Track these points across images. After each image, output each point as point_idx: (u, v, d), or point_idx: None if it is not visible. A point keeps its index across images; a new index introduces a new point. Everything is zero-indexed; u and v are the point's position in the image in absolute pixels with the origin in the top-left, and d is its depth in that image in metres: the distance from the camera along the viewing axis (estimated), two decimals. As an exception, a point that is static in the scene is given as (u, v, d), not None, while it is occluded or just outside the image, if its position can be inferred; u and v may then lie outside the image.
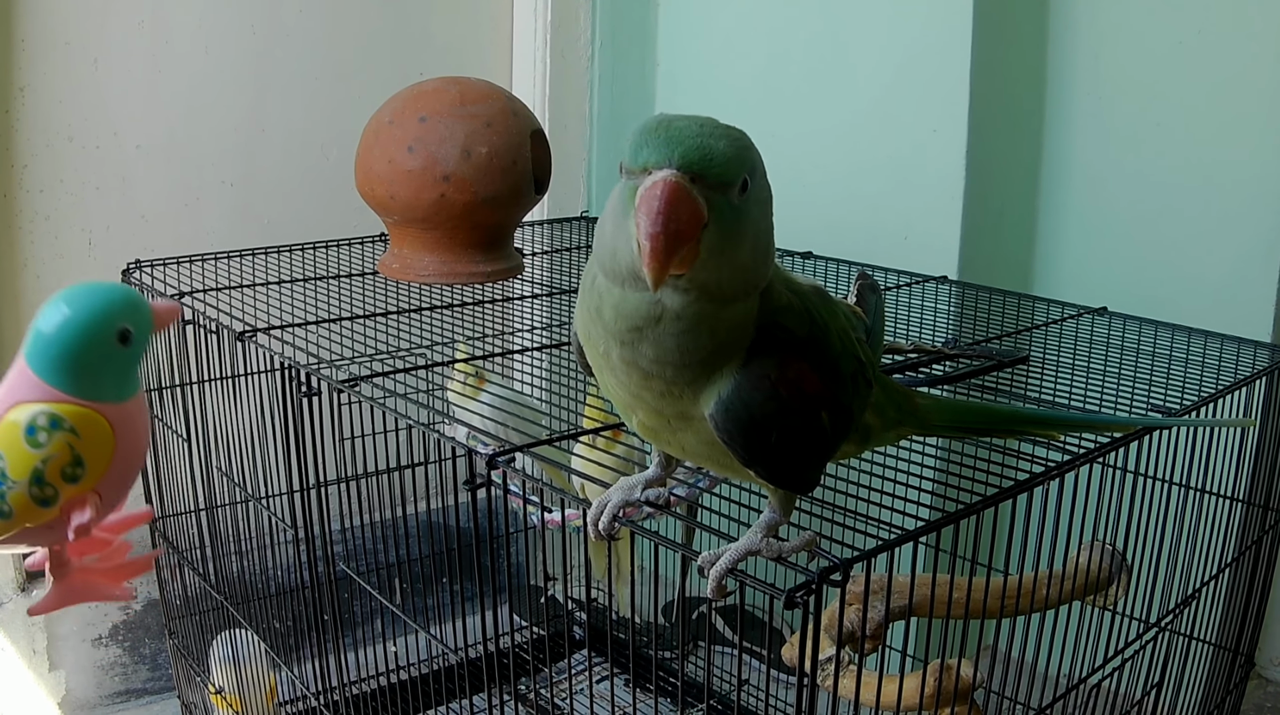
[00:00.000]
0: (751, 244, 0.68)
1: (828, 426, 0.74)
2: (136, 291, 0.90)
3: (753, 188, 0.67)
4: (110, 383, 0.90)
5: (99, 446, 0.90)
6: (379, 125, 1.49)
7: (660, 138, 0.65)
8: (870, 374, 0.81)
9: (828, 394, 0.74)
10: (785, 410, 0.71)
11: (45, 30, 1.79)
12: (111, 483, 0.92)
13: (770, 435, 0.72)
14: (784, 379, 0.71)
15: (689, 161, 0.64)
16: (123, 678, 1.93)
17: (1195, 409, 1.16)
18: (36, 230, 1.83)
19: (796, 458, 0.75)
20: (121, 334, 0.89)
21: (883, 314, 0.92)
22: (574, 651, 1.99)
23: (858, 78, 1.97)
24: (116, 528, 1.02)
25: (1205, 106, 1.79)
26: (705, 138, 0.65)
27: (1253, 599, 1.40)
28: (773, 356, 0.71)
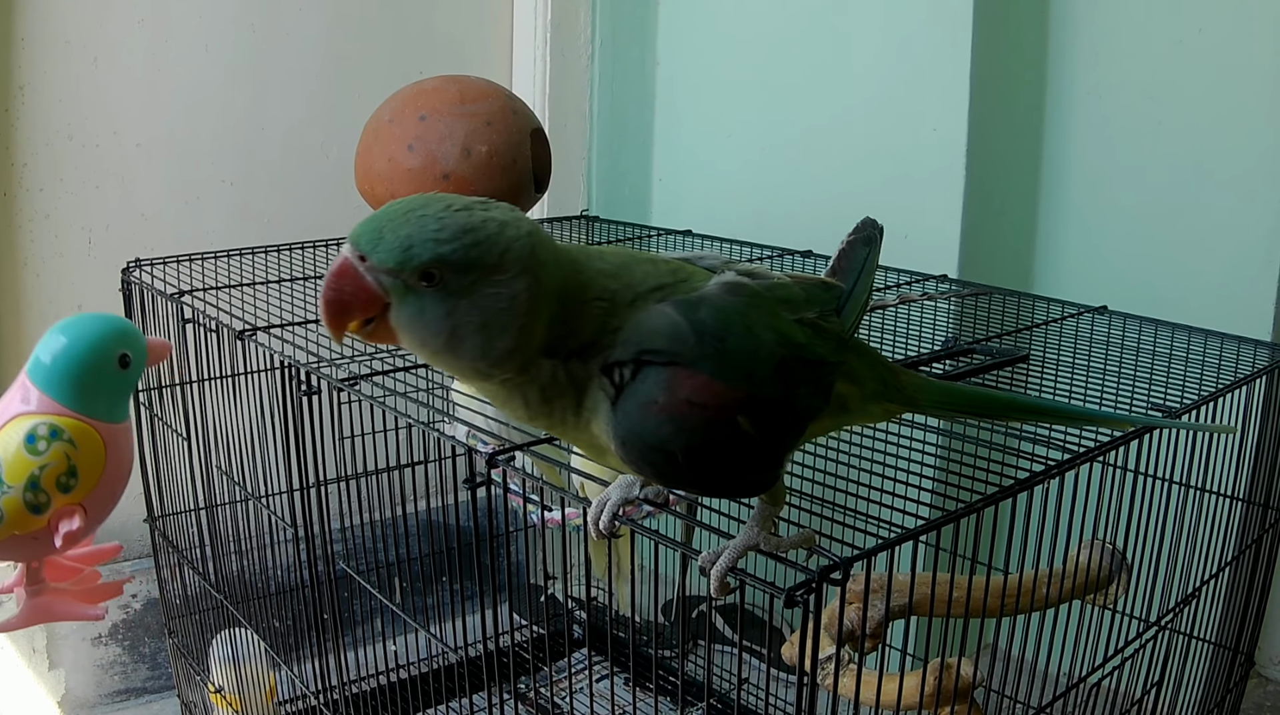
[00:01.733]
0: (450, 333, 0.67)
1: (751, 429, 0.71)
2: (136, 326, 0.98)
3: (452, 282, 0.66)
4: (107, 403, 0.96)
5: (93, 460, 0.95)
6: (379, 124, 1.49)
7: (368, 218, 0.68)
8: (826, 350, 0.78)
9: (740, 397, 0.70)
10: (684, 430, 0.69)
11: (45, 29, 1.79)
12: (98, 498, 0.97)
13: (676, 458, 0.69)
14: (674, 401, 0.69)
15: (358, 243, 0.67)
16: (122, 677, 1.93)
17: (1195, 408, 1.16)
18: (36, 229, 1.83)
19: (722, 471, 0.72)
20: (122, 358, 0.96)
21: (873, 267, 0.88)
22: (574, 650, 1.99)
23: (857, 76, 1.97)
24: (88, 559, 1.08)
25: (1205, 105, 1.79)
26: (397, 225, 0.66)
27: (1253, 598, 1.40)
28: (658, 382, 0.69)
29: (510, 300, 0.67)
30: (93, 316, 0.98)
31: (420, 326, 0.68)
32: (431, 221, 0.66)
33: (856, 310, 0.84)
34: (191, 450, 1.53)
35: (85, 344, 0.95)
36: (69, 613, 1.05)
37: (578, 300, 0.70)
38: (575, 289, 0.70)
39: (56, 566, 1.06)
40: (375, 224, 0.67)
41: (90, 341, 0.96)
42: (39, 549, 0.97)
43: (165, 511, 1.65)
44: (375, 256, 0.66)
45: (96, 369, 0.96)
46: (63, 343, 0.96)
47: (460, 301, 0.66)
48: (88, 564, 1.08)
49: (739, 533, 0.79)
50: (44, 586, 1.04)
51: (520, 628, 1.98)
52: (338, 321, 0.68)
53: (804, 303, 0.79)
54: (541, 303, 0.68)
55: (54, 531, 0.95)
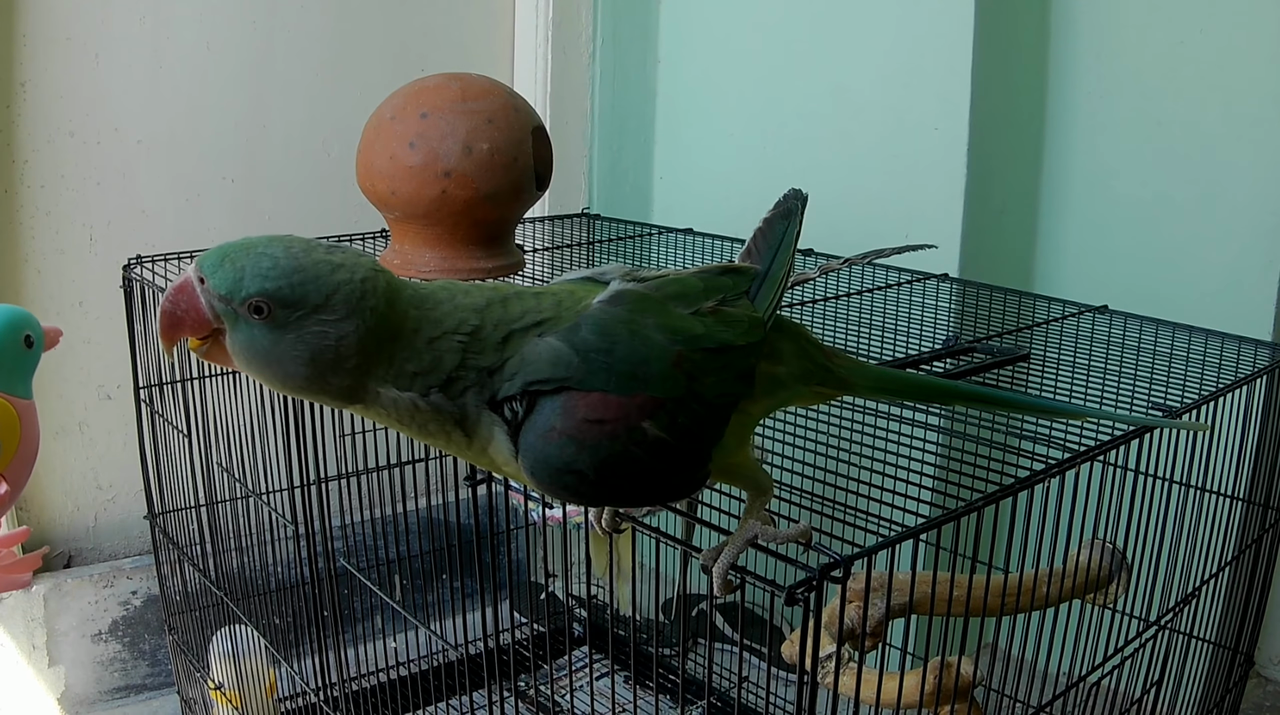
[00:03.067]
0: (275, 363, 0.70)
1: (660, 431, 0.72)
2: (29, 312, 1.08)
3: (280, 317, 0.69)
4: (17, 380, 1.05)
5: (9, 432, 1.03)
6: (380, 121, 1.49)
7: (220, 245, 0.71)
8: (732, 335, 0.77)
9: (639, 403, 0.71)
10: (587, 448, 0.70)
11: (46, 25, 1.79)
12: (15, 469, 1.04)
13: (588, 477, 0.71)
14: (572, 424, 0.70)
15: (201, 265, 0.70)
16: (122, 673, 1.93)
17: (1195, 407, 1.16)
18: (38, 225, 1.83)
19: (641, 478, 0.73)
20: (26, 339, 1.06)
21: (792, 241, 0.86)
22: (574, 648, 1.99)
23: (859, 75, 1.97)
24: (2, 542, 1.15)
25: (1207, 105, 1.79)
26: (237, 257, 0.69)
27: (1252, 598, 1.41)
28: (553, 409, 0.71)
29: (337, 339, 0.69)
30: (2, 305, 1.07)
31: (249, 355, 0.70)
32: (267, 259, 0.69)
33: (774, 288, 0.82)
34: (192, 447, 1.53)
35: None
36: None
37: (427, 337, 0.71)
38: (426, 326, 0.72)
39: None
40: (221, 252, 0.70)
41: (2, 323, 1.05)
42: None
43: (166, 508, 1.65)
44: (211, 282, 0.69)
45: (6, 349, 1.04)
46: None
47: (286, 335, 0.69)
48: (4, 546, 1.15)
49: (736, 529, 0.79)
50: None
51: (520, 625, 1.98)
52: (169, 333, 0.72)
53: (701, 294, 0.79)
54: (372, 342, 0.70)
55: None
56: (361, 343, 0.69)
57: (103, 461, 1.94)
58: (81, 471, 1.93)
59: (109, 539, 1.96)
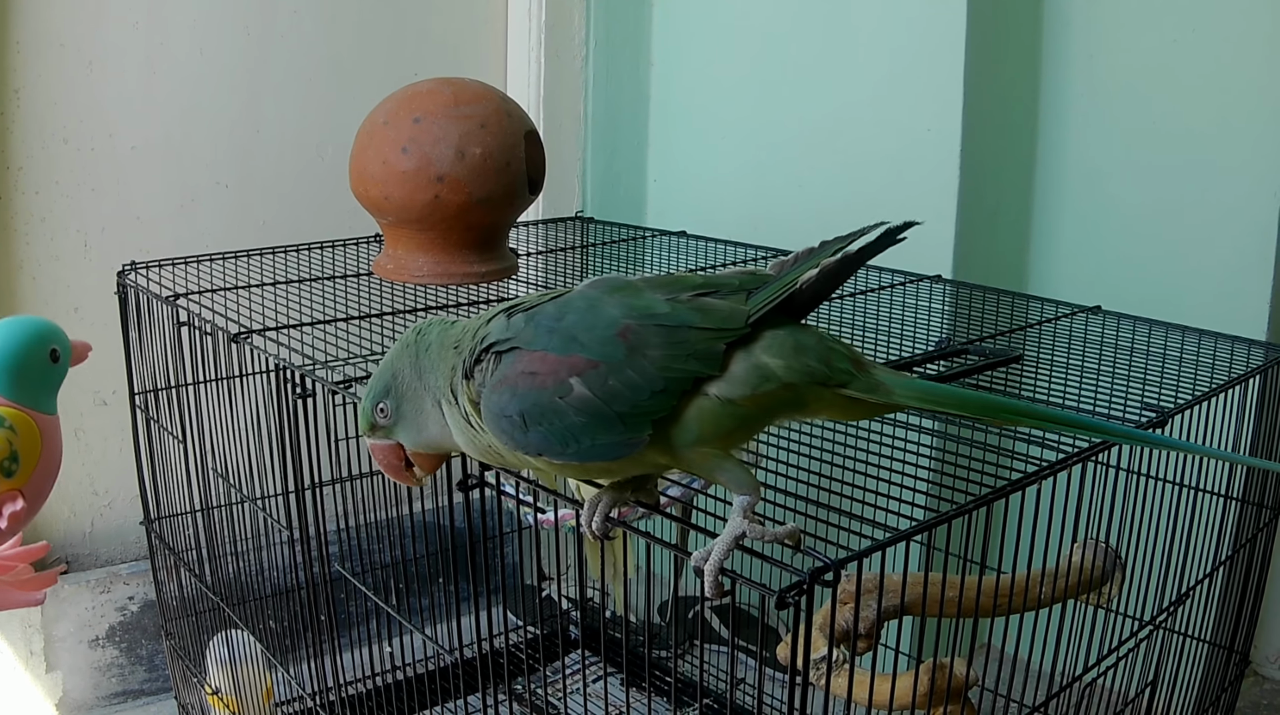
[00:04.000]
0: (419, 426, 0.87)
1: (587, 389, 0.78)
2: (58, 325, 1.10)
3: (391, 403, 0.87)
4: (41, 394, 1.06)
5: (31, 447, 1.03)
6: (373, 126, 1.49)
7: None
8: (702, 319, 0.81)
9: (571, 362, 0.79)
10: (517, 396, 0.79)
11: (40, 32, 1.79)
12: (36, 485, 1.04)
13: (519, 421, 0.80)
14: (512, 374, 0.80)
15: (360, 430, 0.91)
16: (119, 679, 1.93)
17: (1190, 407, 1.16)
18: (32, 232, 1.83)
19: (566, 430, 0.79)
20: (52, 353, 1.06)
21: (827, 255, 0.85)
22: (569, 651, 2.00)
23: (851, 76, 1.97)
24: (19, 557, 1.13)
25: (1200, 103, 1.79)
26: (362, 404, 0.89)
27: (1247, 596, 1.41)
28: (505, 363, 0.81)
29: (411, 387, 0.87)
30: (21, 317, 1.07)
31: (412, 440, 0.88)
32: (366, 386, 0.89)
33: (777, 288, 0.83)
34: (187, 453, 1.53)
35: (21, 339, 1.05)
36: (8, 601, 1.11)
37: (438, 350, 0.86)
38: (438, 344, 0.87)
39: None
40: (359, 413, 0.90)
41: (26, 337, 1.05)
42: None
43: (162, 514, 1.65)
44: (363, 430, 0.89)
45: (30, 362, 1.05)
46: (10, 332, 1.04)
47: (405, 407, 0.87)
48: (19, 561, 1.14)
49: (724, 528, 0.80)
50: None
51: (516, 629, 1.98)
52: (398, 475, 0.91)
53: (696, 286, 0.84)
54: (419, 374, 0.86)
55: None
56: (417, 375, 0.86)
57: (99, 467, 1.94)
58: (78, 477, 1.93)
59: (106, 545, 1.96)
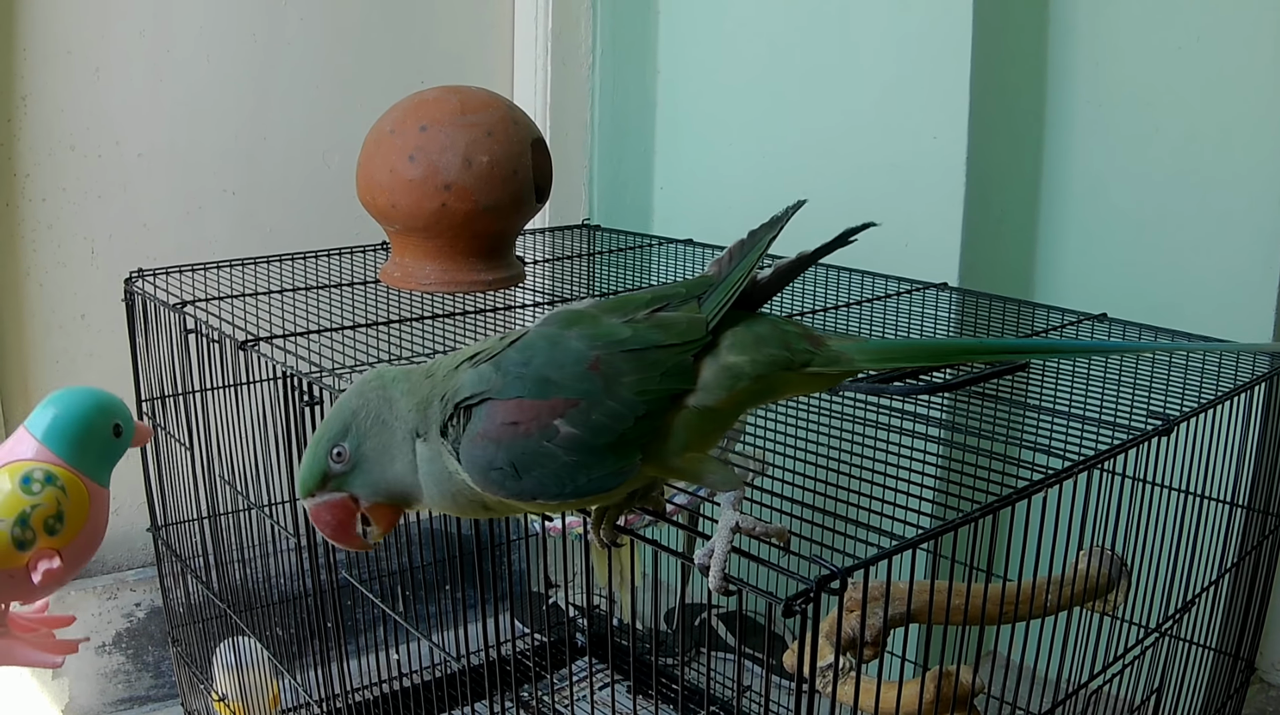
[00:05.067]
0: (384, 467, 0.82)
1: (574, 427, 0.77)
2: None
3: (350, 444, 0.81)
4: (97, 465, 1.05)
5: (78, 511, 1.03)
6: (380, 134, 1.49)
7: None
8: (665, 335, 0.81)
9: (551, 405, 0.78)
10: (504, 447, 0.77)
11: (47, 39, 1.80)
12: (75, 550, 1.04)
13: (511, 471, 0.77)
14: (492, 427, 0.78)
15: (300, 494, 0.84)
16: (126, 685, 1.93)
17: (1196, 415, 1.16)
18: (39, 239, 1.84)
19: (561, 470, 0.78)
20: (115, 427, 1.06)
21: (760, 249, 0.91)
22: (576, 658, 2.00)
23: (858, 84, 1.97)
24: (45, 623, 1.14)
25: (1204, 111, 1.79)
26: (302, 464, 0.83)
27: (1253, 604, 1.41)
28: (478, 417, 0.78)
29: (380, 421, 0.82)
30: (93, 388, 1.08)
31: (375, 486, 0.82)
32: (311, 441, 0.83)
33: (727, 290, 0.85)
34: (194, 460, 1.53)
35: (87, 406, 1.05)
36: (28, 658, 1.11)
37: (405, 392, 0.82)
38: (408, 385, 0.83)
39: (15, 624, 1.12)
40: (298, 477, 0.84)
41: (91, 406, 1.05)
42: (12, 589, 1.03)
43: (168, 521, 1.65)
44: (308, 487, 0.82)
45: (93, 431, 1.05)
46: (65, 404, 1.05)
47: (366, 448, 0.81)
48: (44, 626, 1.14)
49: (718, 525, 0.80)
50: (6, 631, 1.09)
51: (522, 636, 1.98)
52: (349, 539, 0.84)
53: (645, 303, 0.84)
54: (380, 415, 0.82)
55: (33, 569, 1.01)
56: (390, 411, 0.81)
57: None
58: (84, 484, 1.93)
59: (112, 551, 1.97)
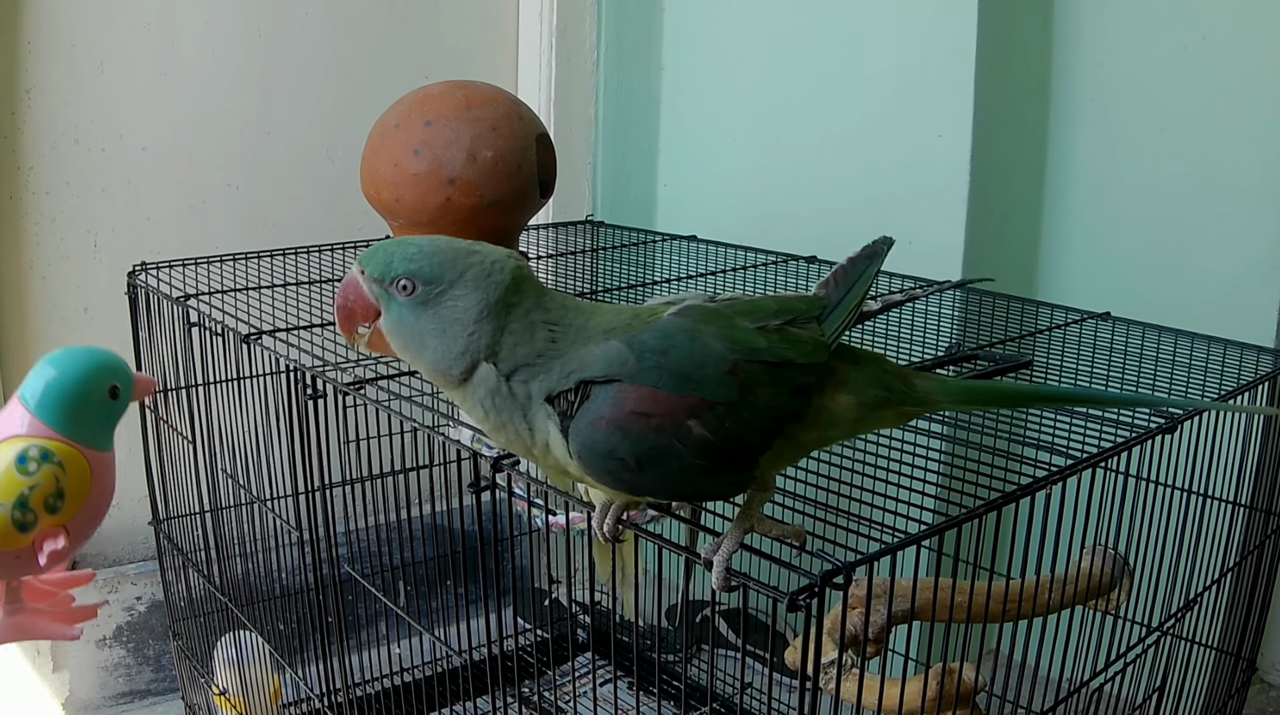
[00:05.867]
0: (419, 338, 0.79)
1: (706, 432, 0.75)
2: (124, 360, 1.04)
3: (423, 294, 0.78)
4: (95, 431, 1.01)
5: (79, 485, 0.99)
6: (384, 129, 1.49)
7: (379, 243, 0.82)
8: (795, 352, 0.80)
9: (690, 403, 0.75)
10: (630, 438, 0.75)
11: (51, 32, 1.80)
12: (80, 523, 1.01)
13: (630, 465, 0.75)
14: (620, 414, 0.75)
15: (361, 260, 0.81)
16: (127, 679, 1.93)
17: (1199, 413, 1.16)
18: (42, 232, 1.84)
19: (683, 473, 0.76)
20: (112, 390, 1.02)
21: (870, 278, 0.90)
22: (578, 654, 2.00)
23: (862, 83, 1.97)
24: (61, 584, 1.11)
25: (1209, 111, 1.79)
26: (392, 249, 0.80)
27: (1255, 603, 1.41)
28: (605, 399, 0.76)
29: (465, 311, 0.78)
30: (86, 348, 1.03)
31: (398, 330, 0.80)
32: (413, 247, 0.79)
33: (843, 317, 0.85)
34: (197, 453, 1.53)
35: (79, 373, 1.01)
36: (45, 632, 1.09)
37: (527, 322, 0.78)
38: (537, 311, 0.79)
39: (33, 590, 1.10)
40: (376, 247, 0.81)
41: (84, 371, 1.01)
42: (20, 568, 1.01)
43: (170, 514, 1.65)
44: (368, 268, 0.80)
45: (88, 397, 1.01)
46: (56, 372, 1.00)
47: (428, 310, 0.78)
48: (62, 588, 1.12)
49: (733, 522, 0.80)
50: (21, 606, 1.08)
51: (524, 631, 1.98)
52: (345, 325, 0.82)
53: (773, 313, 0.83)
54: (490, 315, 0.78)
55: (38, 550, 0.98)
56: (480, 314, 0.78)
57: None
58: (86, 477, 1.93)
59: (114, 545, 1.97)
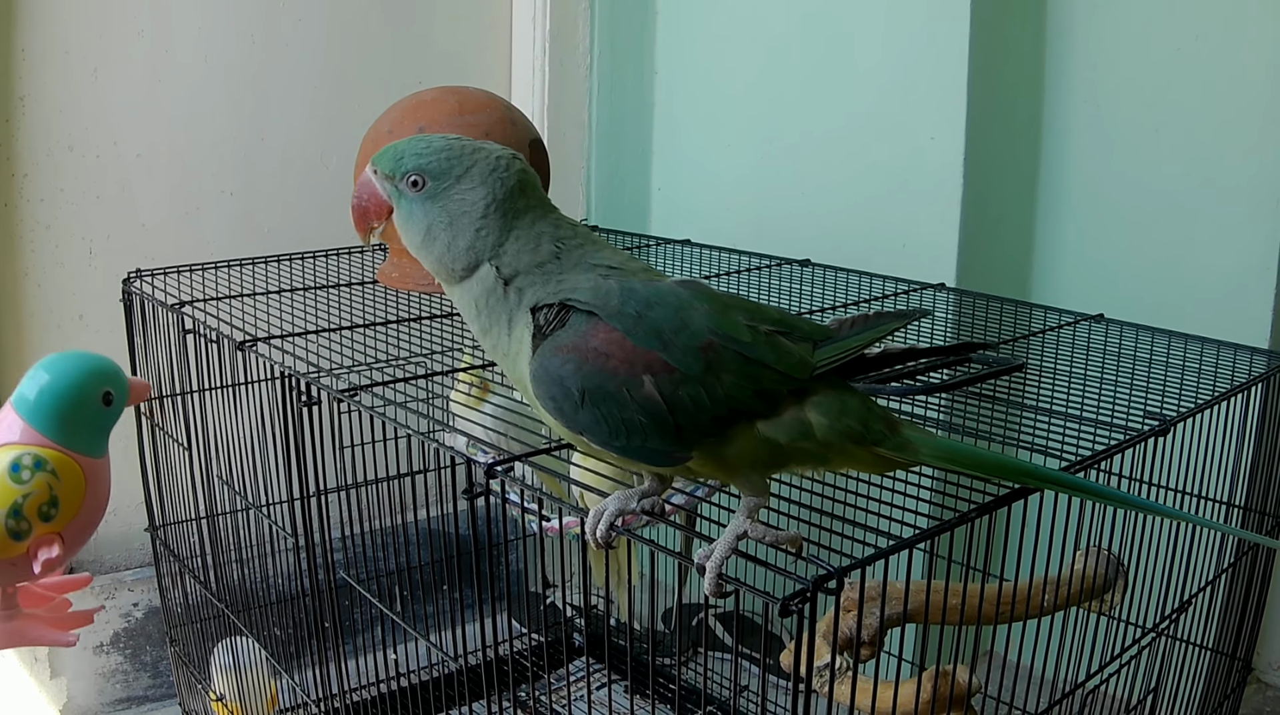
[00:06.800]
0: (427, 231, 0.82)
1: (656, 391, 0.77)
2: (119, 365, 1.04)
3: (431, 188, 0.82)
4: (89, 438, 1.02)
5: (73, 492, 1.00)
6: (378, 134, 1.49)
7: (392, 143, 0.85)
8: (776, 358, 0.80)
9: (649, 358, 0.77)
10: (582, 371, 0.77)
11: (45, 40, 1.80)
12: (76, 529, 1.01)
13: (575, 396, 0.77)
14: (583, 346, 0.77)
15: (374, 160, 0.84)
16: (124, 685, 1.93)
17: (1192, 415, 1.17)
18: (37, 239, 1.84)
19: (620, 422, 0.77)
20: (105, 396, 1.02)
21: (886, 331, 0.87)
22: (573, 658, 2.00)
23: (855, 85, 1.97)
24: (59, 588, 1.11)
25: (1203, 112, 1.79)
26: (403, 147, 0.83)
27: (1250, 604, 1.41)
28: (575, 328, 0.78)
29: (472, 204, 0.81)
30: (79, 354, 1.03)
31: (408, 225, 0.83)
32: (422, 143, 0.83)
33: (840, 349, 0.84)
34: (192, 460, 1.53)
35: (71, 380, 1.01)
36: (42, 637, 1.09)
37: (534, 232, 0.83)
38: (541, 222, 0.83)
39: (29, 594, 1.11)
40: (389, 146, 0.84)
41: (77, 377, 1.01)
42: (15, 575, 1.01)
43: (166, 520, 1.65)
44: (380, 166, 0.83)
45: (82, 404, 1.01)
46: (49, 378, 1.00)
47: (436, 203, 0.82)
48: (59, 592, 1.12)
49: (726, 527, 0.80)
50: (17, 612, 1.08)
51: (520, 636, 1.98)
52: (360, 223, 0.86)
53: (772, 320, 0.83)
54: (497, 212, 0.82)
55: (33, 558, 0.99)
56: (487, 209, 0.81)
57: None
58: (82, 484, 1.93)
59: (110, 551, 1.97)
